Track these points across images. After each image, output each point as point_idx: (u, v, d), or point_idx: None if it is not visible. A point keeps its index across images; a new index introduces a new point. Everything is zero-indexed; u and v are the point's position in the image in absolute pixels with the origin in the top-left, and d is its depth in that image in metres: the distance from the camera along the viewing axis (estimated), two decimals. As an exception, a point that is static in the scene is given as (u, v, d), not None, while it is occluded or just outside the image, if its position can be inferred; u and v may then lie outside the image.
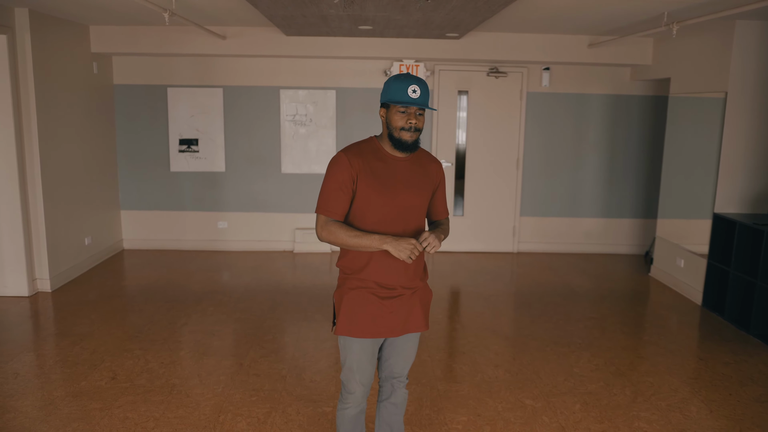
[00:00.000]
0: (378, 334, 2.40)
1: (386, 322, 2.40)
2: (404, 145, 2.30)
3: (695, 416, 3.44)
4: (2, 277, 5.29)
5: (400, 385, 2.61)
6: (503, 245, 7.23)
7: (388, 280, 2.37)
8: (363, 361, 2.44)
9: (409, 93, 2.24)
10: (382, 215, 2.33)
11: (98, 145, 6.43)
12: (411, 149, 2.33)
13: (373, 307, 2.37)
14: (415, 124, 2.28)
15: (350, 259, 2.39)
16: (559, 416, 3.41)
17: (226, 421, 3.28)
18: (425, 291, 2.53)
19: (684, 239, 5.82)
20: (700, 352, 4.42)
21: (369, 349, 2.44)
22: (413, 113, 2.28)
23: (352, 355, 2.43)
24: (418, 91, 2.25)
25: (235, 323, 4.77)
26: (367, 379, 2.49)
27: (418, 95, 2.25)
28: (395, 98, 2.26)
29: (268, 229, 7.12)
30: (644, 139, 7.05)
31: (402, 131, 2.28)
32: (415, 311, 2.46)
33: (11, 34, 5.00)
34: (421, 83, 2.27)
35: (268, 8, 4.56)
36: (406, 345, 2.52)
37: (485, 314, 5.10)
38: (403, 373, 2.59)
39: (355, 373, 2.46)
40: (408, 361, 2.57)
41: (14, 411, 3.35)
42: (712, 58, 5.32)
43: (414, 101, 2.25)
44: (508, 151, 7.04)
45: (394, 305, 2.39)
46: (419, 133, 2.31)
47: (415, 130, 2.29)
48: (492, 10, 4.50)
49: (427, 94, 2.29)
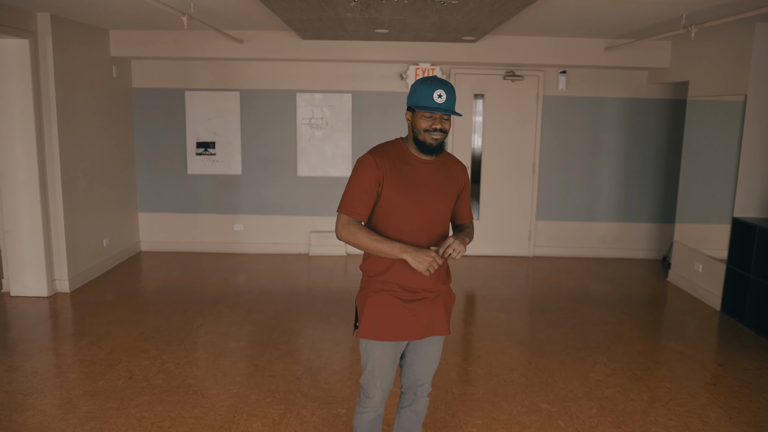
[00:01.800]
0: (400, 337, 2.38)
1: (409, 325, 2.37)
2: (428, 147, 2.29)
3: (714, 422, 3.40)
4: (22, 278, 5.36)
5: (423, 393, 2.57)
6: (519, 249, 7.20)
7: (411, 282, 2.35)
8: (384, 366, 2.42)
9: (435, 98, 2.24)
10: (406, 219, 2.32)
11: (117, 147, 6.51)
12: (435, 152, 2.32)
13: (395, 310, 2.35)
14: (441, 128, 2.27)
15: (373, 262, 2.38)
16: (575, 421, 3.38)
17: (242, 422, 3.30)
18: (448, 294, 2.51)
19: (702, 244, 5.75)
20: (719, 357, 4.36)
21: (391, 353, 2.42)
22: (438, 117, 2.27)
23: (373, 358, 2.41)
24: (444, 96, 2.24)
25: (250, 325, 4.80)
26: (387, 384, 2.47)
27: (443, 100, 2.24)
28: (421, 103, 2.25)
29: (283, 232, 7.15)
30: (661, 143, 6.98)
31: (426, 133, 2.27)
32: (438, 314, 2.43)
33: (33, 38, 5.09)
34: (447, 87, 2.26)
35: (285, 12, 4.59)
36: (429, 349, 2.49)
37: (500, 318, 5.07)
38: (427, 380, 2.55)
39: (377, 377, 2.43)
40: (432, 366, 2.53)
41: (33, 409, 3.39)
42: (731, 61, 5.26)
43: (439, 107, 2.24)
44: (524, 155, 7.01)
45: (417, 308, 2.37)
46: (445, 135, 2.30)
47: (441, 132, 2.28)
48: (508, 14, 4.49)
49: (454, 98, 2.28)
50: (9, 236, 5.31)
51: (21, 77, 5.07)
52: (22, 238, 5.30)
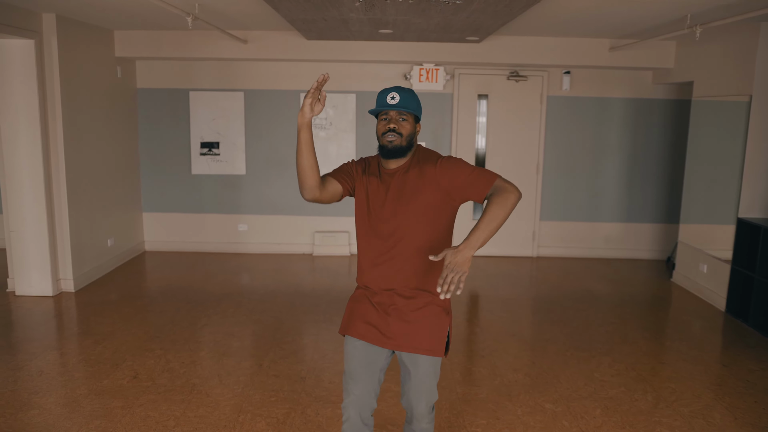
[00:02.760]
0: (369, 338, 2.30)
1: (380, 328, 2.29)
2: (385, 150, 2.26)
3: (719, 423, 3.39)
4: (27, 277, 5.38)
5: (420, 419, 2.37)
6: (523, 249, 7.19)
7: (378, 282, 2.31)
8: (355, 367, 2.32)
9: (388, 100, 2.25)
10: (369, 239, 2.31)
11: (121, 147, 6.53)
12: (393, 154, 2.26)
13: (368, 308, 2.32)
14: (395, 128, 2.24)
15: (358, 261, 2.41)
16: (580, 421, 3.38)
17: (246, 421, 3.30)
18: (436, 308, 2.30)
19: (707, 244, 5.74)
20: (723, 358, 4.35)
21: (362, 354, 2.31)
22: (393, 118, 2.25)
23: (346, 356, 2.37)
24: (396, 97, 2.24)
25: (254, 325, 4.80)
26: (360, 393, 2.30)
27: (396, 101, 2.24)
28: (376, 107, 2.29)
29: (287, 232, 7.16)
30: (666, 143, 6.97)
31: (383, 136, 2.26)
32: (422, 328, 2.27)
33: (38, 38, 5.11)
34: (402, 90, 2.27)
35: (289, 12, 4.60)
36: (415, 370, 2.30)
37: (504, 318, 5.07)
38: (418, 406, 2.33)
39: (347, 379, 2.34)
40: (419, 389, 2.32)
41: (38, 408, 3.41)
42: (736, 61, 5.25)
43: (392, 106, 2.24)
44: (528, 156, 7.01)
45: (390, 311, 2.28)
46: (400, 137, 2.24)
47: (394, 133, 2.23)
48: (512, 14, 4.49)
49: (411, 99, 2.27)
50: (14, 236, 5.33)
51: (26, 77, 5.09)
52: (27, 237, 5.32)
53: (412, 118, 2.28)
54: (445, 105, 6.91)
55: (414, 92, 2.30)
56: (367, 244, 2.34)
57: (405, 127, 2.26)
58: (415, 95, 2.30)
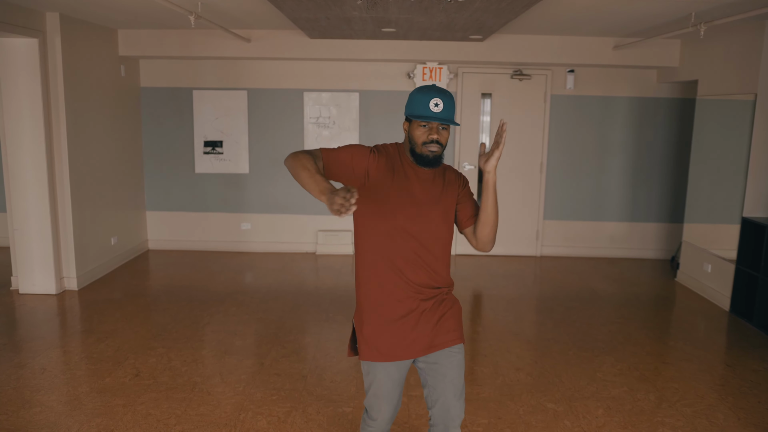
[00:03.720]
0: (401, 356, 2.23)
1: (407, 342, 2.22)
2: (425, 160, 2.15)
3: (722, 423, 3.37)
4: (31, 276, 5.40)
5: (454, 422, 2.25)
6: (526, 249, 7.17)
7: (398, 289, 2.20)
8: (388, 388, 2.28)
9: (431, 107, 2.10)
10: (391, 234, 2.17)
11: (125, 146, 6.54)
12: (432, 164, 2.17)
13: (392, 328, 2.22)
14: (437, 139, 2.13)
15: (356, 280, 2.31)
16: (582, 421, 3.36)
17: (247, 420, 3.30)
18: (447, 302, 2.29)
19: (711, 244, 5.71)
20: (727, 358, 4.33)
21: (394, 374, 2.27)
22: (435, 128, 2.13)
23: (376, 381, 2.27)
24: (440, 104, 2.10)
25: (257, 323, 4.80)
26: (392, 406, 2.32)
27: (440, 109, 2.10)
28: (416, 112, 2.13)
29: (290, 231, 7.16)
30: (670, 142, 6.94)
31: (423, 146, 2.13)
32: (444, 322, 2.25)
33: (42, 37, 5.12)
34: (444, 96, 2.12)
35: (292, 11, 4.59)
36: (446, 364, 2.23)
37: (507, 317, 5.06)
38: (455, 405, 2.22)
39: (381, 400, 2.29)
40: (456, 385, 2.23)
41: (41, 405, 3.41)
42: (741, 59, 5.22)
43: (436, 116, 2.10)
44: (532, 155, 6.98)
45: (408, 323, 2.21)
46: (442, 148, 2.15)
47: (437, 144, 2.13)
48: (515, 12, 4.47)
49: (452, 106, 2.14)
50: (18, 234, 5.34)
51: (30, 76, 5.10)
52: (30, 236, 5.34)
53: (449, 126, 2.17)
54: (449, 104, 6.89)
55: (452, 95, 2.18)
56: (380, 244, 2.19)
57: (445, 136, 2.16)
58: (454, 100, 2.17)
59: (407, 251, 2.19)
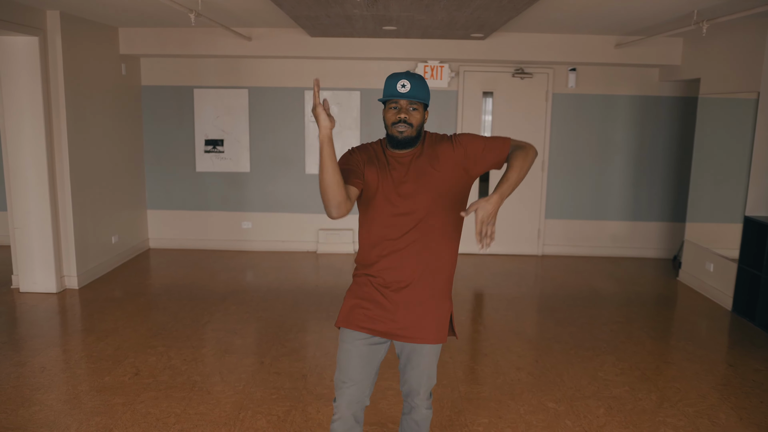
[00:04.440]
0: (372, 331, 2.26)
1: (384, 320, 2.25)
2: (395, 141, 2.19)
3: (724, 423, 3.35)
4: (32, 274, 5.39)
5: (420, 404, 2.40)
6: (528, 248, 7.15)
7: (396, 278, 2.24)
8: (352, 362, 2.27)
9: (398, 88, 2.16)
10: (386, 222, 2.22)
11: (126, 145, 6.53)
12: (403, 145, 2.20)
13: (373, 303, 2.26)
14: (405, 118, 2.17)
15: (363, 253, 2.31)
16: (583, 420, 3.35)
17: (246, 419, 3.29)
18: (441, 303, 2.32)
19: (714, 243, 5.69)
20: (729, 358, 4.31)
21: (361, 349, 2.27)
22: (404, 108, 2.18)
23: (342, 351, 2.30)
24: (407, 85, 2.16)
25: (257, 322, 4.79)
26: (354, 390, 2.27)
27: (407, 89, 2.16)
28: (386, 94, 2.20)
29: (291, 230, 7.15)
30: (672, 141, 6.92)
31: (393, 127, 2.18)
32: (425, 321, 2.27)
33: (43, 36, 5.11)
34: (412, 77, 2.18)
35: (292, 9, 4.58)
36: (418, 358, 2.32)
37: (508, 317, 5.04)
38: (420, 390, 2.36)
39: (342, 373, 2.29)
40: (423, 376, 2.34)
41: (40, 404, 3.41)
42: (744, 58, 5.19)
43: (402, 95, 2.16)
44: (533, 153, 6.95)
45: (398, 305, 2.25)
46: (411, 128, 2.18)
47: (404, 123, 2.17)
48: (517, 9, 4.46)
49: (421, 87, 2.18)
50: (18, 233, 5.34)
51: (30, 75, 5.09)
52: (31, 234, 5.33)
53: (422, 107, 2.20)
54: (450, 103, 6.88)
55: (424, 79, 2.22)
56: (377, 233, 2.25)
57: (415, 116, 2.19)
58: (425, 82, 2.22)
59: (393, 237, 2.23)
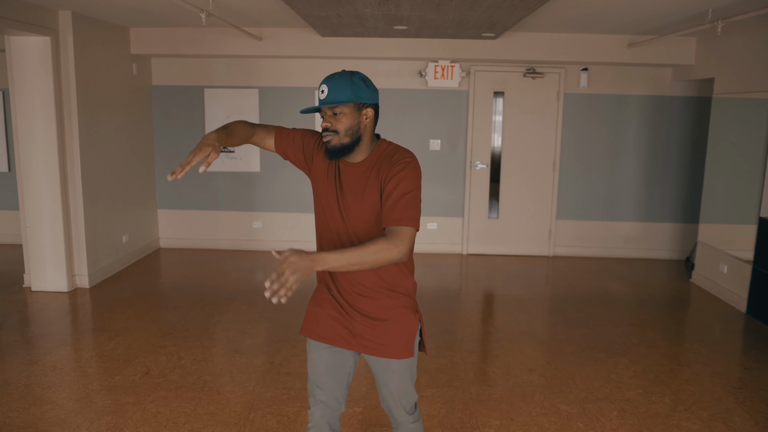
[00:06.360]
0: (336, 341, 2.14)
1: (345, 329, 2.14)
2: (327, 151, 2.02)
3: (739, 427, 3.30)
4: (43, 273, 5.42)
5: (402, 420, 2.25)
6: (539, 249, 7.11)
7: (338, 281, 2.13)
8: (322, 372, 2.18)
9: (318, 95, 1.99)
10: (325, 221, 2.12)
11: (136, 145, 6.55)
12: (336, 154, 2.00)
13: (333, 307, 2.15)
14: (328, 126, 1.98)
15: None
16: (595, 423, 3.31)
17: (257, 419, 3.28)
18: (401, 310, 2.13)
19: (727, 244, 5.62)
20: (744, 360, 4.25)
21: (327, 359, 2.17)
22: (328, 115, 1.99)
23: (310, 362, 2.21)
24: (325, 90, 1.96)
25: (267, 322, 4.79)
26: (325, 396, 2.18)
27: (325, 95, 1.96)
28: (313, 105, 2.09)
29: (301, 230, 7.14)
30: (685, 142, 6.85)
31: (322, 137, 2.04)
32: (386, 331, 2.12)
33: (55, 36, 5.13)
34: (333, 80, 1.97)
35: (303, 8, 4.57)
36: (385, 373, 2.17)
37: (519, 318, 5.01)
38: (394, 406, 2.21)
39: (312, 385, 2.20)
40: (394, 392, 2.19)
41: (51, 402, 3.41)
42: (758, 57, 5.13)
43: (321, 102, 1.98)
44: (545, 153, 6.92)
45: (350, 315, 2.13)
46: (337, 135, 1.98)
47: (331, 132, 1.98)
48: (529, 8, 4.42)
49: (343, 88, 1.95)
50: (30, 232, 5.36)
51: (42, 75, 5.11)
52: (43, 233, 5.36)
53: (351, 109, 1.97)
54: (461, 103, 6.85)
55: (353, 75, 1.98)
56: (326, 238, 2.13)
57: (341, 121, 1.97)
58: (351, 79, 1.97)
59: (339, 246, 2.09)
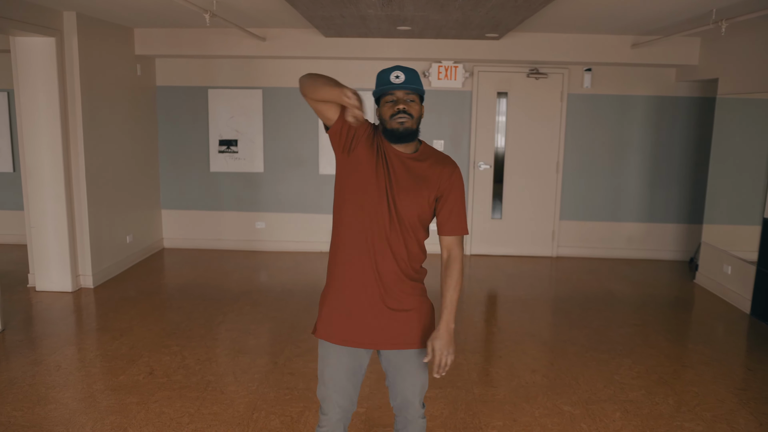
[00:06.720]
0: (357, 342, 2.15)
1: (364, 331, 2.14)
2: (396, 134, 2.07)
3: (743, 429, 3.30)
4: (47, 273, 5.43)
5: (414, 415, 2.27)
6: (542, 249, 7.10)
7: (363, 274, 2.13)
8: (338, 377, 2.18)
9: (392, 79, 2.07)
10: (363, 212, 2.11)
11: (140, 145, 6.57)
12: (404, 138, 2.08)
13: (351, 313, 2.16)
14: (404, 108, 2.05)
15: (329, 257, 2.25)
16: (599, 424, 3.31)
17: (260, 419, 3.29)
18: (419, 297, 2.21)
19: (731, 245, 5.61)
20: (748, 362, 4.24)
21: (346, 362, 2.18)
22: (402, 99, 2.07)
23: (328, 367, 2.19)
24: (401, 76, 2.06)
25: (270, 322, 4.80)
26: (343, 401, 2.20)
27: (401, 80, 2.06)
28: (379, 88, 2.11)
29: (305, 230, 7.15)
30: (689, 142, 6.84)
31: (392, 119, 2.06)
32: (405, 324, 2.16)
33: (59, 36, 5.15)
34: (406, 69, 2.09)
35: (307, 9, 4.58)
36: (405, 365, 2.20)
37: (523, 318, 5.00)
38: (415, 399, 2.24)
39: (329, 389, 2.19)
40: (415, 384, 2.23)
41: (55, 402, 3.43)
42: (763, 57, 5.12)
43: (398, 86, 2.06)
44: (548, 154, 6.92)
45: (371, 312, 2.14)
46: (411, 119, 2.06)
47: (405, 114, 2.05)
48: (532, 9, 4.42)
49: (416, 77, 2.10)
50: (34, 232, 5.38)
51: (47, 75, 5.13)
52: (47, 233, 5.37)
53: (418, 99, 2.10)
54: (464, 103, 6.85)
55: (416, 71, 2.13)
56: (356, 228, 2.13)
57: (414, 108, 2.08)
58: (418, 74, 2.13)
59: (379, 236, 2.11)
